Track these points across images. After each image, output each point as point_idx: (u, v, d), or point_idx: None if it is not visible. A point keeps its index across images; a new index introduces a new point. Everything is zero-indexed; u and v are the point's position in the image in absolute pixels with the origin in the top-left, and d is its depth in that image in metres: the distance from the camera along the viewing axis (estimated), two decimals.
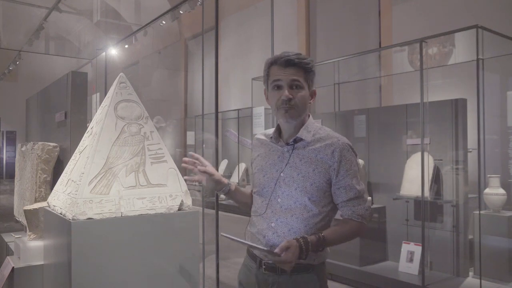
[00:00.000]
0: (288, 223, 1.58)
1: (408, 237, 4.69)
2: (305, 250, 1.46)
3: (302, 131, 1.62)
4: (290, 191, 1.59)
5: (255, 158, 1.77)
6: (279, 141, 1.67)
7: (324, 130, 1.65)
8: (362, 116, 5.39)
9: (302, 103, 1.59)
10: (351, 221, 1.59)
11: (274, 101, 1.61)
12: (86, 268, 2.00)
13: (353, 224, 1.59)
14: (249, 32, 10.61)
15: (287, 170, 1.61)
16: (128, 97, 2.43)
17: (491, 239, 4.20)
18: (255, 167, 1.75)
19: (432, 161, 4.44)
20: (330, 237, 1.53)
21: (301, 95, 1.58)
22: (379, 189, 5.15)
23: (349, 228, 1.59)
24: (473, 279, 4.22)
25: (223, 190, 1.76)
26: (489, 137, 4.71)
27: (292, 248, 1.44)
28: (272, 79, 1.61)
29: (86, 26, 12.60)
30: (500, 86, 5.02)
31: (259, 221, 1.66)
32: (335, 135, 1.63)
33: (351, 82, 6.72)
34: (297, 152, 1.62)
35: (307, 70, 1.59)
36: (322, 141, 1.61)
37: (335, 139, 1.60)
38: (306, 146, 1.61)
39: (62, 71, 4.58)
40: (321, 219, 1.59)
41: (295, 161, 1.61)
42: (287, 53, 1.59)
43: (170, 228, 2.26)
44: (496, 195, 4.24)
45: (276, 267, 1.57)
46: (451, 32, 4.10)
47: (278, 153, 1.66)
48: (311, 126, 1.65)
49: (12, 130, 15.14)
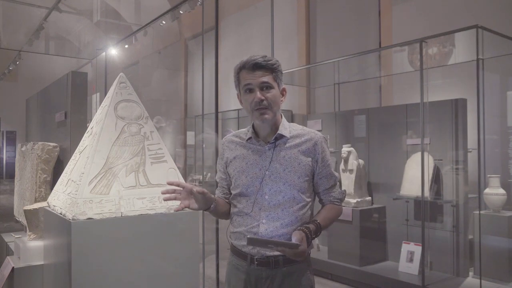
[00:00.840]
0: (280, 217, 1.65)
1: (408, 237, 4.69)
2: (310, 238, 1.57)
3: (281, 128, 1.70)
4: (278, 187, 1.65)
5: (232, 160, 1.76)
6: (258, 141, 1.72)
7: (296, 126, 1.76)
8: (362, 116, 5.39)
9: (274, 103, 1.65)
10: (334, 205, 1.75)
11: (247, 104, 1.68)
12: (86, 268, 2.00)
13: (337, 208, 1.76)
14: (249, 32, 10.60)
15: (272, 168, 1.67)
16: (128, 97, 2.43)
17: (491, 239, 4.20)
18: (233, 169, 1.74)
19: (432, 161, 4.44)
20: (323, 223, 1.66)
21: (272, 95, 1.65)
22: (379, 189, 5.15)
23: (335, 212, 1.74)
24: (473, 279, 4.22)
25: (212, 207, 1.66)
26: (489, 137, 4.70)
27: (304, 239, 1.54)
28: (243, 84, 1.68)
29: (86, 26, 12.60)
30: (500, 86, 5.01)
31: (246, 220, 1.69)
32: (310, 130, 1.74)
33: (351, 82, 6.71)
34: (279, 149, 1.69)
35: (274, 70, 1.66)
36: (301, 136, 1.71)
37: (313, 133, 1.72)
38: (286, 142, 1.70)
39: (62, 71, 4.57)
40: (308, 208, 1.70)
41: (278, 158, 1.67)
42: (254, 57, 1.65)
43: (170, 228, 2.26)
44: (496, 195, 4.23)
45: (270, 261, 1.64)
46: (451, 32, 4.10)
47: (259, 152, 1.71)
48: (285, 123, 1.73)
49: (12, 130, 15.13)
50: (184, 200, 1.55)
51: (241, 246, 1.70)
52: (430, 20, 6.24)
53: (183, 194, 1.56)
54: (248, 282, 1.68)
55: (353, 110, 5.74)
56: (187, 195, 1.56)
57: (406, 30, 6.58)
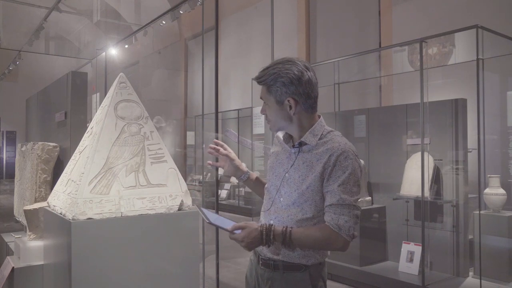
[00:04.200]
0: (284, 222, 1.62)
1: (408, 237, 4.69)
2: (265, 236, 1.53)
3: (308, 135, 1.62)
4: (290, 192, 1.63)
5: (271, 154, 1.84)
6: (289, 142, 1.72)
7: (331, 135, 1.63)
8: (362, 116, 5.38)
9: (273, 118, 1.67)
10: (328, 228, 1.52)
11: None
12: (86, 268, 2.00)
13: (328, 231, 1.51)
14: (249, 32, 10.60)
15: (291, 171, 1.65)
16: (128, 97, 2.43)
17: (491, 239, 4.20)
18: (268, 163, 1.81)
19: (432, 161, 4.44)
20: (297, 234, 1.52)
21: (269, 112, 1.67)
22: (379, 189, 5.15)
23: (322, 234, 1.52)
24: (473, 279, 4.22)
25: (242, 177, 1.90)
26: (489, 137, 4.70)
27: (247, 230, 1.53)
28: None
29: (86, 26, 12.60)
30: (500, 86, 5.02)
31: (264, 217, 1.73)
32: (338, 141, 1.59)
33: (351, 82, 6.71)
34: (302, 155, 1.65)
35: (268, 84, 1.61)
36: (325, 145, 1.60)
37: (336, 144, 1.57)
38: (311, 150, 1.62)
39: (62, 71, 4.57)
40: (314, 223, 1.58)
41: (299, 164, 1.64)
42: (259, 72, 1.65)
43: (170, 228, 2.26)
44: (496, 195, 4.23)
45: (270, 263, 1.64)
46: (451, 32, 4.10)
47: (287, 153, 1.71)
48: (318, 129, 1.63)
49: (12, 130, 15.12)
50: (221, 161, 1.87)
51: None
52: (430, 20, 6.24)
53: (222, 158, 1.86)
54: (256, 279, 1.72)
55: (353, 110, 5.74)
56: (224, 160, 1.87)
57: (406, 30, 6.58)
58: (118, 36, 10.54)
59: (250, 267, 1.79)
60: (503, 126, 4.62)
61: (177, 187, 2.33)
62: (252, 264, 1.77)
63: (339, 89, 6.36)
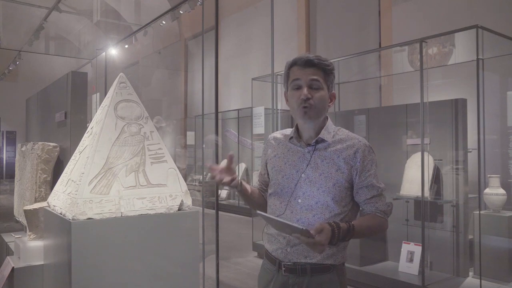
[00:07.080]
0: (310, 223, 1.56)
1: (408, 237, 4.69)
2: (336, 234, 1.44)
3: (324, 132, 1.63)
4: (312, 192, 1.59)
5: (272, 158, 1.74)
6: (299, 142, 1.67)
7: (342, 132, 1.69)
8: (362, 116, 5.38)
9: (320, 104, 1.60)
10: (376, 216, 1.62)
11: (293, 101, 1.61)
12: (86, 268, 2.00)
13: (378, 219, 1.62)
14: (249, 32, 10.61)
15: (308, 171, 1.61)
16: (128, 97, 2.43)
17: (491, 239, 4.20)
18: (272, 167, 1.72)
19: (432, 161, 4.43)
20: (358, 227, 1.53)
21: (319, 95, 1.59)
22: None
23: (375, 222, 1.61)
24: (473, 279, 4.22)
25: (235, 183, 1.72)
26: (489, 137, 4.70)
27: (326, 231, 1.41)
28: (291, 79, 1.62)
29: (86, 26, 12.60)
30: (500, 86, 5.02)
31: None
32: (355, 136, 1.66)
33: (351, 82, 6.72)
34: (318, 153, 1.62)
35: (327, 71, 1.61)
36: (343, 142, 1.63)
37: (356, 140, 1.64)
38: (328, 147, 1.62)
39: (62, 71, 4.57)
40: (341, 218, 1.58)
41: (316, 162, 1.61)
42: (307, 54, 1.61)
43: (170, 228, 2.26)
44: (496, 195, 4.23)
45: (296, 268, 1.57)
46: (451, 32, 4.10)
47: (299, 154, 1.66)
48: (330, 127, 1.67)
49: (12, 130, 15.12)
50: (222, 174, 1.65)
51: (272, 250, 1.65)
52: (430, 20, 6.24)
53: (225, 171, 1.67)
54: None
55: (353, 110, 5.74)
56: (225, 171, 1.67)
57: (406, 30, 6.58)
58: (118, 36, 10.55)
59: (265, 277, 1.68)
60: (503, 126, 4.62)
61: (177, 187, 2.33)
62: (269, 273, 1.66)
63: (339, 89, 6.36)
